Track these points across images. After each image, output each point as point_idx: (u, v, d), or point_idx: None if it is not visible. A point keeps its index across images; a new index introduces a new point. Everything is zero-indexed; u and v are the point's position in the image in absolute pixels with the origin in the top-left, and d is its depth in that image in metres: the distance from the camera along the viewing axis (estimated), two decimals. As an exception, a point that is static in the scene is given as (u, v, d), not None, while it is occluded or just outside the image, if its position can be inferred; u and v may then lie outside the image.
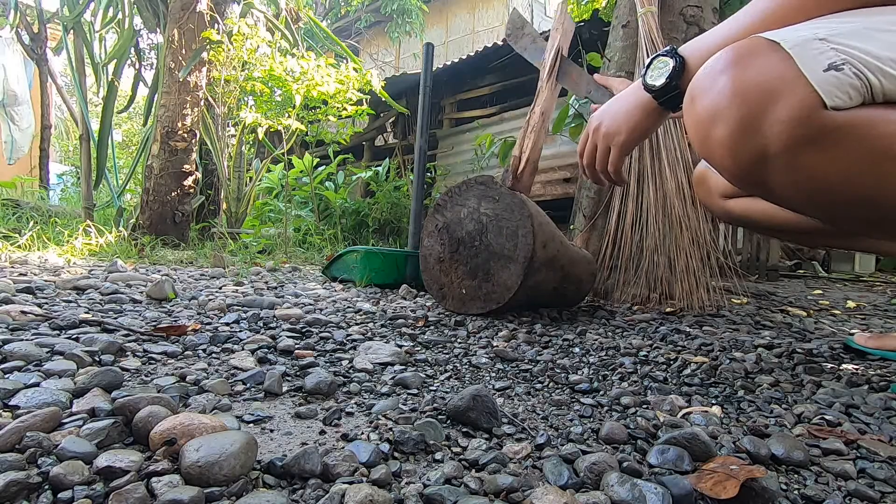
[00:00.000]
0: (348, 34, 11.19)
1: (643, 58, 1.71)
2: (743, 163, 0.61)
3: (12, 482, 0.43)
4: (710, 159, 0.66)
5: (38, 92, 6.11)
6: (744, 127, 0.59)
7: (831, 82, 0.55)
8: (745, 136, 0.59)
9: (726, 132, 0.60)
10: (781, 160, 0.58)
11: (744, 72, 0.59)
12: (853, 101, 0.55)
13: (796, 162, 0.58)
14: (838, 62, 0.55)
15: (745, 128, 0.59)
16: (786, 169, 0.59)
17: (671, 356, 1.04)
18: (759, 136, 0.58)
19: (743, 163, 0.61)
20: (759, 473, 0.52)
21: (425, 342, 1.09)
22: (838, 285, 2.70)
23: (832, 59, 0.55)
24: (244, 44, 3.19)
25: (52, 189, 6.49)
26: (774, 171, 0.60)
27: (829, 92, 0.55)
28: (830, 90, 0.55)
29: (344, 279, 1.94)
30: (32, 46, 4.53)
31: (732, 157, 0.62)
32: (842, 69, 0.55)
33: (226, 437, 0.51)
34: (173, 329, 0.99)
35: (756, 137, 0.59)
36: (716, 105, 0.61)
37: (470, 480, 0.52)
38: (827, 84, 0.55)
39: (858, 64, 0.55)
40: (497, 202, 1.34)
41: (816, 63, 0.56)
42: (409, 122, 5.52)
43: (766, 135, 0.58)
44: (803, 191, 0.62)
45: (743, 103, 0.58)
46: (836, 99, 0.55)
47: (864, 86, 0.55)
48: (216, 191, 3.66)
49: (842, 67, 0.55)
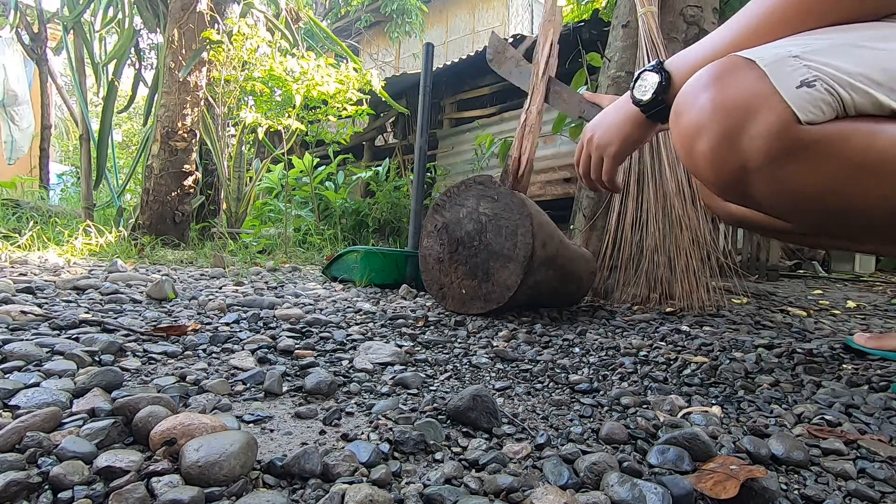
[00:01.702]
0: (348, 34, 11.19)
1: (643, 58, 1.71)
2: (725, 175, 0.64)
3: (12, 482, 0.43)
4: (695, 172, 0.68)
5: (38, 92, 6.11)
6: (724, 141, 0.61)
7: (804, 98, 0.57)
8: (725, 150, 0.62)
9: (708, 147, 0.63)
10: (761, 173, 0.61)
11: (723, 89, 0.62)
12: (826, 115, 0.58)
13: (776, 174, 0.61)
14: (810, 78, 0.57)
15: (725, 142, 0.61)
16: (766, 181, 0.62)
17: (671, 356, 1.04)
18: (739, 149, 0.61)
19: (725, 175, 0.64)
20: (759, 473, 0.52)
21: (425, 342, 1.09)
22: (838, 285, 2.70)
23: (804, 75, 0.58)
24: (244, 44, 3.19)
25: (52, 189, 6.49)
26: (756, 183, 0.62)
27: (803, 107, 0.57)
28: (804, 105, 0.57)
29: (344, 279, 1.94)
30: (32, 46, 4.53)
31: (715, 171, 0.64)
32: (814, 85, 0.57)
33: (226, 437, 0.51)
34: (173, 329, 0.99)
35: (736, 151, 0.61)
36: (698, 121, 0.63)
37: (470, 480, 0.52)
38: (800, 100, 0.57)
39: (830, 80, 0.57)
40: (496, 202, 1.34)
41: (790, 80, 0.58)
42: (409, 122, 5.52)
43: (745, 149, 0.60)
44: (786, 201, 0.64)
45: (722, 119, 0.61)
46: (810, 114, 0.57)
47: (835, 101, 0.57)
48: (216, 191, 3.66)
49: (814, 83, 0.57)
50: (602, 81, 1.92)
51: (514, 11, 10.41)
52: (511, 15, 10.33)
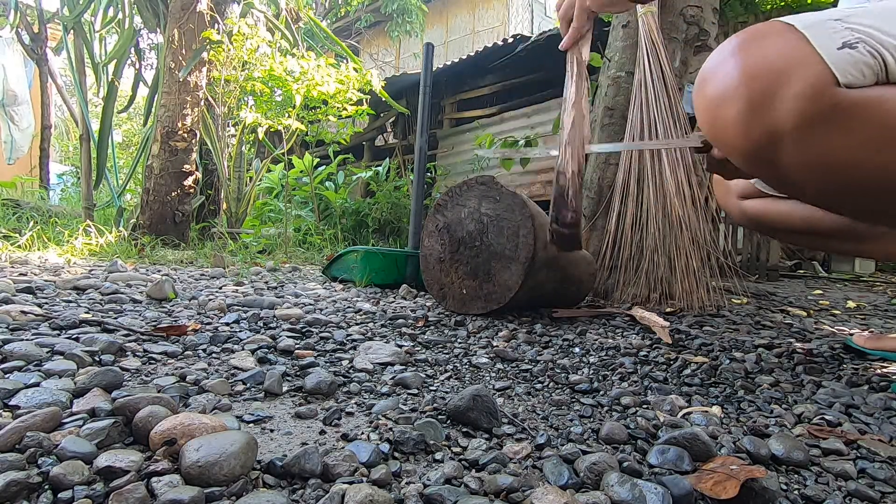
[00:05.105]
0: (348, 34, 11.19)
1: (643, 58, 1.71)
2: (754, 141, 0.61)
3: (12, 482, 0.43)
4: (720, 140, 0.65)
5: (38, 92, 6.11)
6: (755, 104, 0.59)
7: (845, 59, 0.55)
8: (756, 114, 0.59)
9: (737, 110, 0.60)
10: (793, 138, 0.58)
11: (756, 51, 0.59)
12: (867, 79, 0.55)
13: (808, 140, 0.58)
14: (853, 40, 0.55)
15: (756, 105, 0.59)
16: (798, 147, 0.59)
17: (671, 356, 1.04)
18: (770, 113, 0.58)
19: (754, 141, 0.61)
20: (759, 473, 0.52)
21: (425, 342, 1.09)
22: (838, 285, 2.70)
23: (846, 37, 0.55)
24: (244, 44, 3.19)
25: (52, 189, 6.49)
26: (786, 149, 0.59)
27: (843, 69, 0.55)
28: (844, 67, 0.55)
29: (344, 279, 1.94)
30: (32, 46, 4.53)
31: (744, 136, 0.61)
32: (856, 47, 0.55)
33: (226, 437, 0.51)
34: (173, 329, 0.99)
35: (768, 115, 0.58)
36: (727, 84, 0.61)
37: (470, 480, 0.52)
38: (841, 61, 0.55)
39: (874, 42, 0.55)
40: (498, 202, 1.34)
41: (830, 41, 0.56)
42: (409, 122, 5.52)
43: (777, 112, 0.57)
44: (815, 171, 0.61)
45: (754, 80, 0.58)
46: (850, 76, 0.55)
47: (878, 64, 0.55)
48: (216, 191, 3.66)
49: (856, 45, 0.55)
50: (602, 81, 1.91)
51: (514, 11, 10.40)
52: (511, 15, 10.33)
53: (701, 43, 1.97)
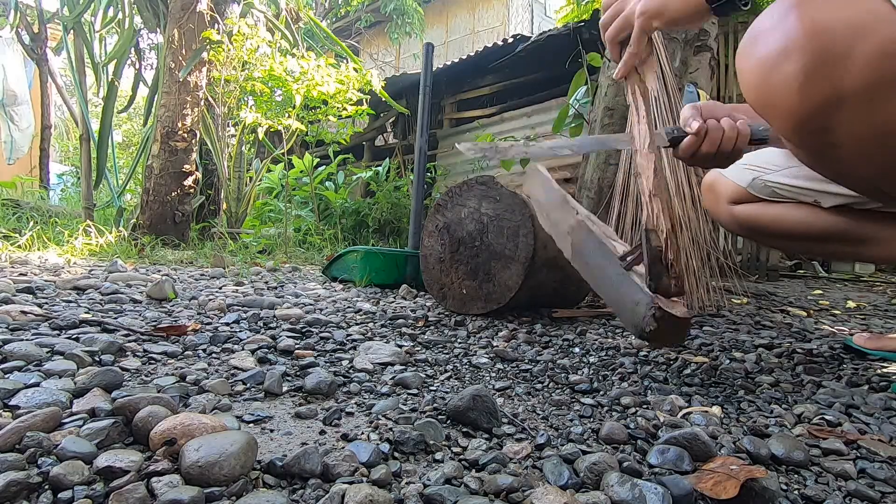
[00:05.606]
0: (348, 34, 11.19)
1: (643, 58, 1.71)
2: (812, 103, 0.56)
3: (12, 482, 0.43)
4: (769, 104, 0.61)
5: (38, 92, 6.10)
6: (820, 61, 0.54)
7: None
8: (819, 73, 0.54)
9: (797, 68, 0.55)
10: (859, 100, 0.54)
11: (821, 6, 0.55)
12: None
13: (876, 105, 0.54)
14: None
15: (821, 62, 0.54)
16: (860, 113, 0.55)
17: (671, 356, 1.04)
18: (837, 72, 0.54)
19: (812, 103, 0.56)
20: (759, 473, 0.52)
21: (425, 342, 1.09)
22: (838, 285, 2.70)
23: None
24: (244, 44, 3.19)
25: (52, 189, 6.49)
26: (845, 114, 0.55)
27: None
28: None
29: (344, 279, 1.94)
30: (32, 46, 4.53)
31: (801, 98, 0.56)
32: None
33: (226, 437, 0.51)
34: (173, 329, 0.99)
35: (834, 73, 0.54)
36: (787, 40, 0.56)
37: (470, 480, 0.52)
38: None
39: None
40: (498, 202, 1.34)
41: None
42: (409, 122, 5.52)
43: (846, 71, 0.53)
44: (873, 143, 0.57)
45: (822, 35, 0.54)
46: None
47: None
48: (216, 191, 3.66)
49: None
50: (602, 81, 1.91)
51: (514, 11, 10.40)
52: (511, 15, 10.33)
53: (701, 43, 1.97)
